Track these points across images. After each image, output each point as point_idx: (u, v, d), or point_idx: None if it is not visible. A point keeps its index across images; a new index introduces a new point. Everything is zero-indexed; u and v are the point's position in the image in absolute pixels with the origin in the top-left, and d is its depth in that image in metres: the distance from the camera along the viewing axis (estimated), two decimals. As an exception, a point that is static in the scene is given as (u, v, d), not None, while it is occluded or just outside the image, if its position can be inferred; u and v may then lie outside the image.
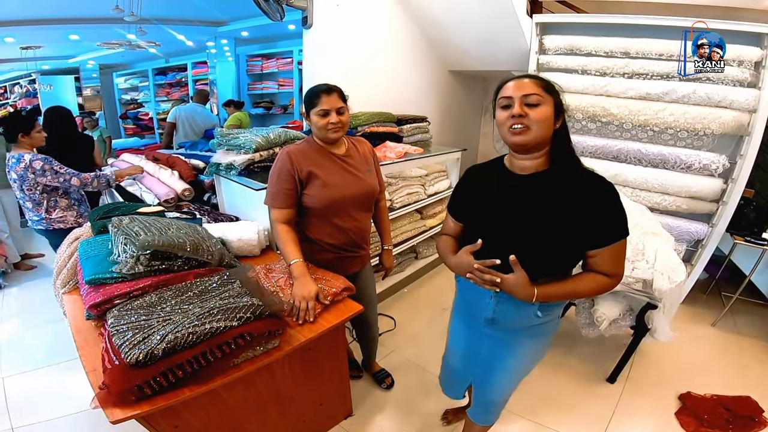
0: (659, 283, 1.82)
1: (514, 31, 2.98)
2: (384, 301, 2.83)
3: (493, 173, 1.14)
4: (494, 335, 1.24)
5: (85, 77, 6.40)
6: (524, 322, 1.17)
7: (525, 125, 0.97)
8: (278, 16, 2.43)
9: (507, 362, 1.27)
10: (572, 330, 2.29)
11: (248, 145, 1.99)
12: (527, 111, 0.97)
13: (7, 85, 6.72)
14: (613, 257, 1.02)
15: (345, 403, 1.83)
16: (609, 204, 0.99)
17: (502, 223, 1.06)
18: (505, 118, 1.00)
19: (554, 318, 1.22)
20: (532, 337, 1.22)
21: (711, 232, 2.55)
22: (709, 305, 2.91)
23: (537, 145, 1.00)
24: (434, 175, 3.06)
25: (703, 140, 2.46)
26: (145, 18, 4.12)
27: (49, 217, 2.25)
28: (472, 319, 1.29)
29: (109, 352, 1.00)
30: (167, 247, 1.26)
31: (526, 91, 0.97)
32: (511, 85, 1.01)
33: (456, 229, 1.25)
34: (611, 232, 1.00)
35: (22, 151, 2.16)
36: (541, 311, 1.13)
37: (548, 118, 0.98)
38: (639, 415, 1.95)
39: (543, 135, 0.99)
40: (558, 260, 1.06)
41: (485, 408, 1.45)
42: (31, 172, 2.12)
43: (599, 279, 1.03)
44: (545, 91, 0.98)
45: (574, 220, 0.98)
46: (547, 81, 1.01)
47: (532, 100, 0.97)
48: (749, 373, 2.26)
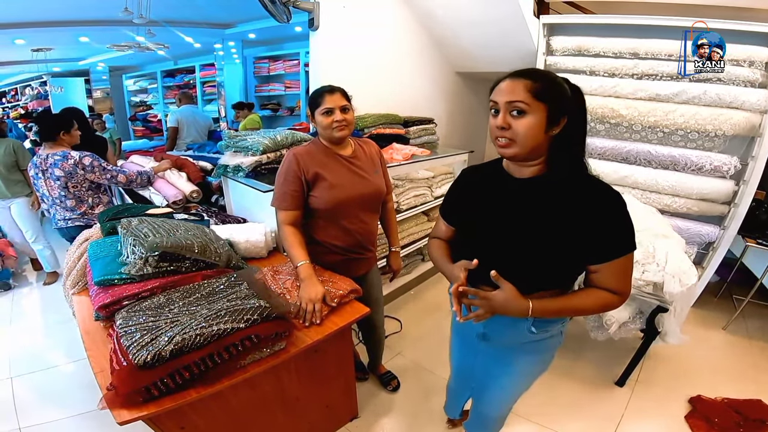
0: (670, 286, 1.80)
1: (521, 32, 2.96)
2: (390, 303, 2.82)
3: (490, 176, 1.06)
4: (488, 351, 1.19)
5: (95, 79, 6.48)
6: (517, 338, 1.09)
7: (509, 138, 0.89)
8: (285, 18, 2.43)
9: (501, 380, 1.22)
10: (581, 333, 2.26)
11: (256, 147, 2.00)
12: (510, 122, 0.88)
13: (18, 87, 6.82)
14: (618, 273, 0.93)
15: (351, 405, 1.83)
16: (614, 215, 0.89)
17: (498, 229, 0.99)
18: (492, 126, 0.92)
19: (554, 334, 1.11)
20: (528, 353, 1.14)
21: (722, 234, 2.51)
22: (720, 308, 2.87)
23: (527, 156, 0.92)
24: (441, 177, 3.05)
25: (714, 141, 2.43)
26: (154, 20, 4.16)
27: (92, 213, 2.26)
28: (466, 334, 1.25)
29: (118, 353, 1.01)
30: (175, 249, 1.27)
31: (511, 97, 0.87)
32: (500, 86, 0.91)
33: (448, 232, 1.19)
34: (615, 246, 0.91)
35: (64, 149, 2.18)
36: (535, 327, 1.04)
37: (535, 129, 0.87)
38: (648, 418, 1.92)
39: (530, 147, 0.89)
40: (557, 273, 0.98)
41: (481, 423, 1.41)
42: (80, 168, 2.14)
43: (604, 296, 0.94)
44: (535, 97, 0.86)
45: (575, 230, 0.90)
46: (543, 82, 0.88)
47: (517, 108, 0.87)
48: (760, 377, 2.22)
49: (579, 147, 0.96)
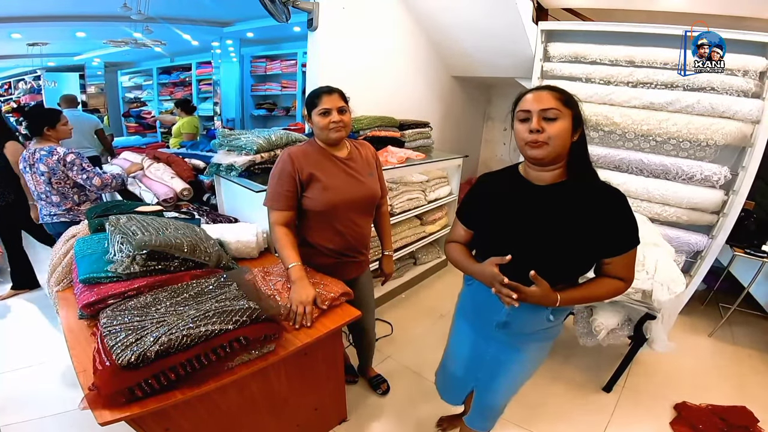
0: (659, 294, 1.81)
1: (520, 37, 2.98)
2: (381, 306, 2.81)
3: (509, 182, 1.14)
4: (502, 339, 1.24)
5: (89, 75, 6.43)
6: (536, 325, 1.19)
7: (542, 141, 0.98)
8: (284, 18, 2.43)
9: (511, 366, 1.28)
10: (570, 339, 2.27)
11: (250, 146, 1.99)
12: (545, 126, 0.98)
13: (12, 81, 6.75)
14: (626, 264, 1.07)
15: (340, 408, 1.82)
16: (623, 215, 1.03)
17: (520, 232, 1.07)
18: (523, 132, 1.01)
19: (560, 323, 1.25)
20: (538, 340, 1.24)
21: (711, 243, 2.53)
22: (706, 316, 2.91)
23: (554, 159, 1.02)
24: (435, 181, 3.06)
25: (706, 151, 2.45)
26: (152, 17, 4.14)
27: (78, 209, 2.25)
28: (482, 322, 1.29)
29: (101, 352, 0.99)
30: (164, 248, 1.26)
31: (544, 105, 0.98)
32: (529, 97, 1.01)
33: (467, 236, 1.25)
34: (626, 242, 1.04)
35: (51, 144, 2.17)
36: (553, 315, 1.16)
37: (566, 133, 0.99)
38: (634, 424, 1.94)
39: (560, 149, 1.00)
40: (573, 268, 1.09)
41: (484, 414, 1.44)
42: (62, 164, 2.13)
43: (615, 283, 1.08)
44: (564, 104, 0.99)
45: (591, 230, 1.01)
46: (567, 93, 1.01)
47: (551, 115, 0.98)
48: (745, 384, 2.25)
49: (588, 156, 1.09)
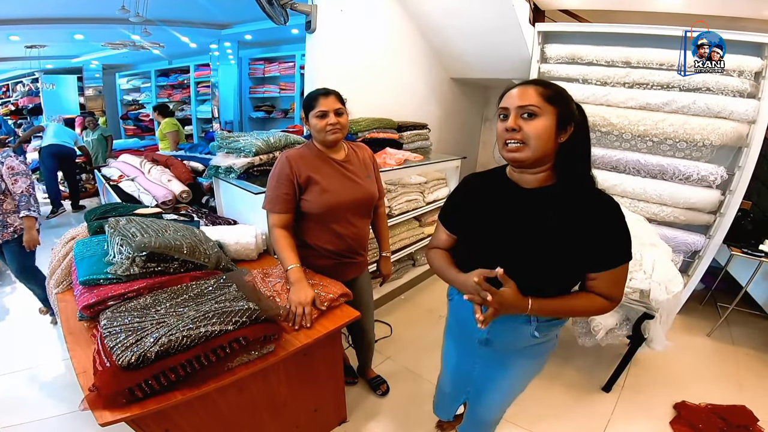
0: (656, 294, 1.82)
1: (517, 39, 2.99)
2: (381, 307, 2.82)
3: (494, 184, 1.06)
4: (488, 356, 1.19)
5: (87, 77, 6.43)
6: (520, 342, 1.11)
7: (519, 140, 0.91)
8: (282, 20, 2.43)
9: (500, 383, 1.23)
10: (569, 339, 2.28)
11: (248, 148, 2.00)
12: (521, 124, 0.90)
13: (10, 83, 6.74)
14: (614, 281, 0.97)
15: (339, 409, 1.82)
16: (614, 227, 0.94)
17: (503, 237, 1.00)
18: (502, 131, 0.94)
19: (551, 338, 1.15)
20: (527, 357, 1.16)
21: (708, 243, 2.55)
22: (705, 316, 2.92)
23: (535, 161, 0.93)
24: (433, 182, 3.06)
25: (702, 151, 2.47)
26: (150, 19, 4.14)
27: None
28: (465, 339, 1.24)
29: (101, 353, 1.00)
30: (164, 249, 1.26)
31: (522, 101, 0.90)
32: (510, 93, 0.94)
33: (449, 241, 1.18)
34: (614, 256, 0.95)
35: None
36: (538, 332, 1.07)
37: (546, 132, 0.90)
38: (634, 424, 1.94)
39: (541, 151, 0.91)
40: (558, 280, 1.00)
41: (476, 427, 1.42)
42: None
43: (597, 300, 0.98)
44: (546, 100, 0.90)
45: (577, 240, 0.93)
46: (553, 89, 0.93)
47: (529, 111, 0.90)
48: (744, 383, 2.26)
49: (586, 161, 0.99)
